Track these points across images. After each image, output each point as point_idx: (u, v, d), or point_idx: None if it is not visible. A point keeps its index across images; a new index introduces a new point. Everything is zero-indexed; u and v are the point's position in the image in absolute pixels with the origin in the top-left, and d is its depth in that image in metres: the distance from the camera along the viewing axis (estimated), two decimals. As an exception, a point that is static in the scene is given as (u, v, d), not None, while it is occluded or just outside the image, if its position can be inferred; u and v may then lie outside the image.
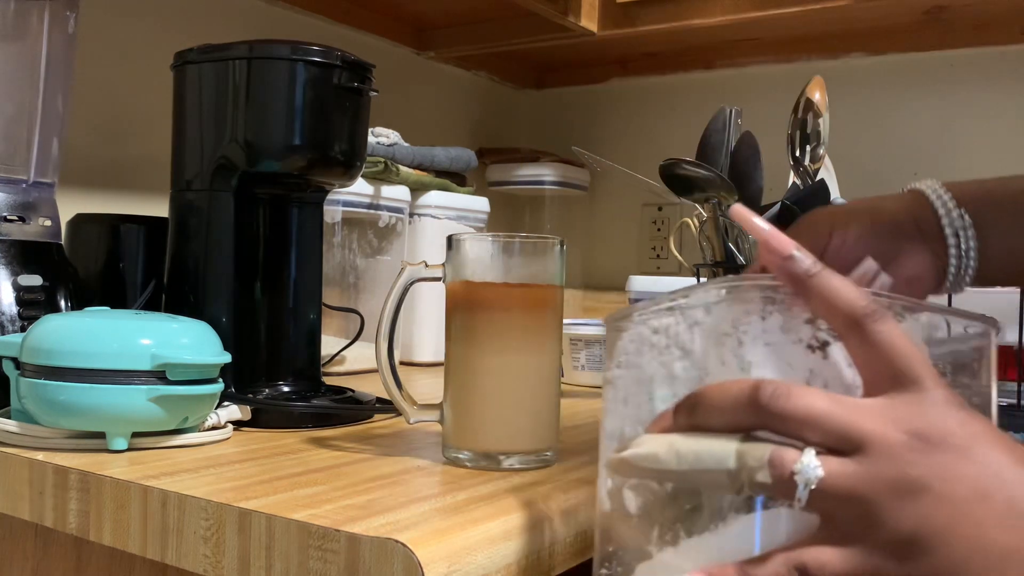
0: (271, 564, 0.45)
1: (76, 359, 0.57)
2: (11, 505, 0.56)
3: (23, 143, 0.74)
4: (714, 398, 0.35)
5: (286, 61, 0.69)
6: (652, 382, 0.39)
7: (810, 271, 0.35)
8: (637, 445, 0.36)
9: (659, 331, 0.39)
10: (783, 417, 0.33)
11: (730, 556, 0.34)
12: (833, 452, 0.33)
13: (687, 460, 0.34)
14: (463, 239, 0.58)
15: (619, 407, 0.40)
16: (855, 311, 0.34)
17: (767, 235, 0.36)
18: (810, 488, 0.32)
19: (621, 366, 0.40)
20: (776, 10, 1.23)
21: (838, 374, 0.36)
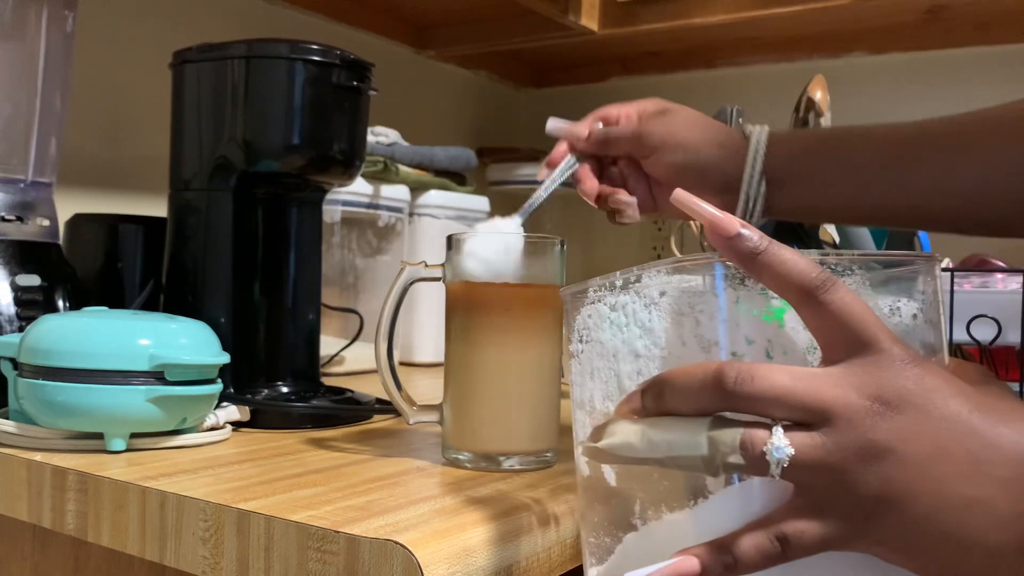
0: (270, 565, 0.44)
1: (74, 359, 0.57)
2: (9, 506, 0.56)
3: (21, 143, 0.74)
4: (679, 383, 0.35)
5: (285, 60, 0.69)
6: (616, 358, 0.39)
7: (757, 247, 0.35)
8: (611, 435, 0.37)
9: (617, 308, 0.39)
10: (749, 399, 0.34)
11: (712, 528, 0.35)
12: (801, 425, 0.34)
13: (660, 448, 0.35)
14: (463, 238, 0.58)
15: (586, 380, 0.41)
16: (805, 283, 0.34)
17: (711, 216, 0.36)
18: (782, 466, 0.33)
19: (583, 340, 0.41)
20: (777, 9, 1.23)
21: (795, 339, 0.37)
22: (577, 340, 0.41)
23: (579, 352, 0.41)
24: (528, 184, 1.52)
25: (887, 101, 1.39)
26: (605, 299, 0.40)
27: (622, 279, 0.39)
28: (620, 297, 0.39)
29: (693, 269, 0.38)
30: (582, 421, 0.41)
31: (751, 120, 0.95)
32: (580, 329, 0.41)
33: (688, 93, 1.57)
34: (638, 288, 0.39)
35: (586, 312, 0.41)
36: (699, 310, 0.37)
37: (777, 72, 1.47)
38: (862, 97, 1.40)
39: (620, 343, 0.39)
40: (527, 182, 1.52)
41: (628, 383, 0.39)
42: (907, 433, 0.33)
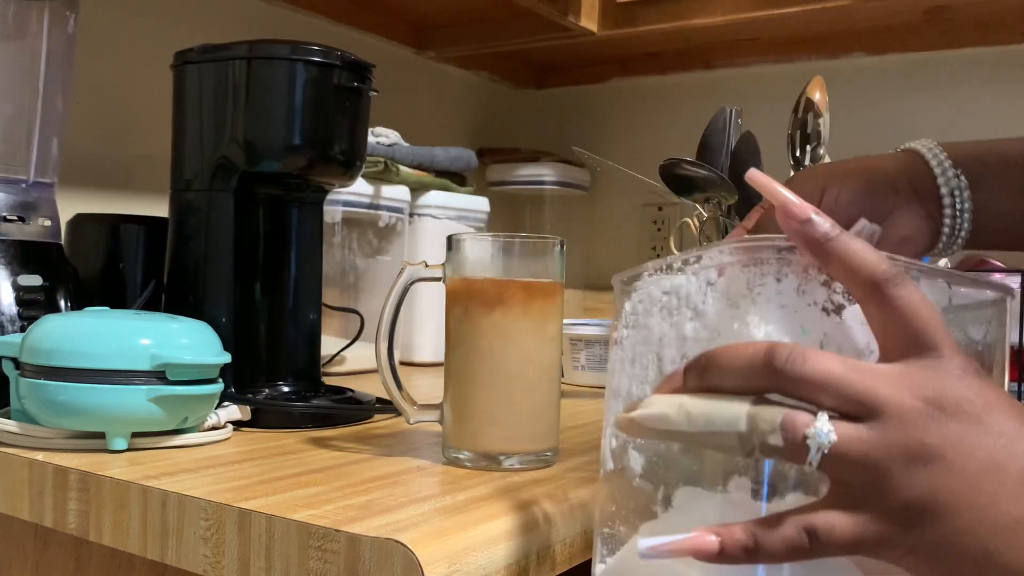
0: (271, 564, 0.45)
1: (76, 359, 0.57)
2: (11, 505, 0.56)
3: (23, 143, 0.74)
4: (726, 359, 0.34)
5: (286, 61, 0.69)
6: (661, 343, 0.38)
7: (828, 234, 0.34)
8: (646, 406, 0.36)
9: (670, 291, 0.38)
10: (798, 381, 0.33)
11: (735, 518, 0.34)
12: (847, 417, 0.32)
13: (697, 422, 0.34)
14: (463, 239, 0.58)
15: (626, 367, 0.40)
16: (875, 275, 0.33)
17: (785, 199, 0.35)
18: (822, 452, 0.32)
19: (629, 326, 0.40)
20: (776, 10, 1.23)
21: (852, 338, 0.36)
22: (623, 326, 0.41)
23: (623, 339, 0.40)
24: (528, 184, 1.52)
25: (886, 102, 1.40)
26: (659, 282, 0.39)
27: (680, 260, 0.38)
28: (675, 279, 0.38)
29: (758, 250, 0.36)
30: (615, 409, 0.40)
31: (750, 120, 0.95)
32: (628, 315, 0.40)
33: (687, 94, 1.57)
34: (696, 268, 0.38)
35: (637, 298, 0.40)
36: (757, 292, 0.36)
37: (776, 73, 1.48)
38: (861, 98, 1.40)
39: (668, 327, 0.38)
40: (527, 182, 1.52)
41: (670, 368, 0.38)
42: (961, 442, 0.32)
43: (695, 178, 0.83)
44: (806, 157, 0.93)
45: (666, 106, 1.59)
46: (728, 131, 0.90)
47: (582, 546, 0.50)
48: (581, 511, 0.50)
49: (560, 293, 0.59)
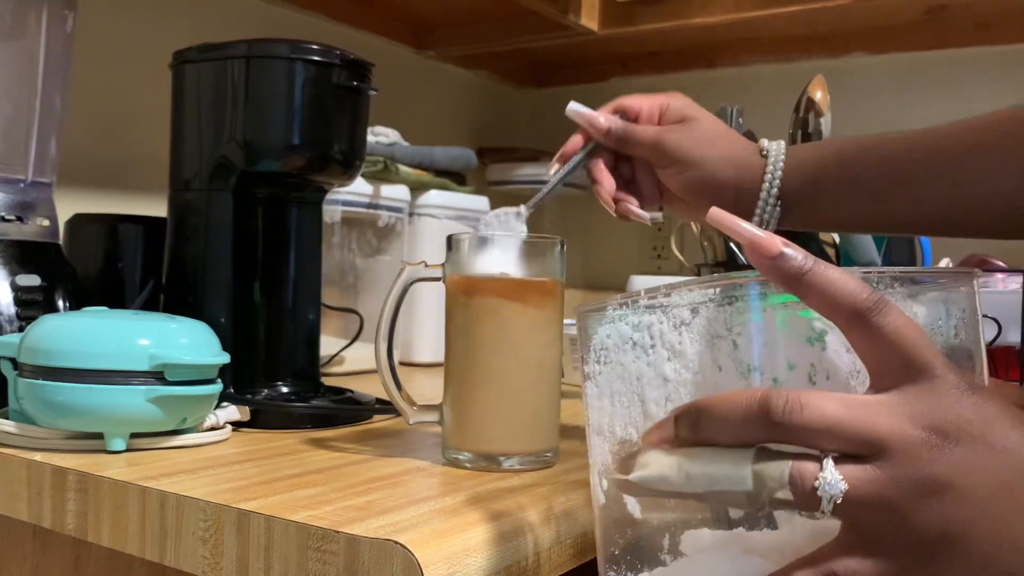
0: (270, 565, 0.44)
1: (74, 359, 0.57)
2: (9, 506, 0.56)
3: (21, 143, 0.74)
4: (719, 412, 0.33)
5: (285, 60, 0.69)
6: (641, 382, 0.37)
7: (803, 267, 0.33)
8: (643, 466, 0.35)
9: (641, 328, 0.37)
10: (798, 430, 0.32)
11: (747, 565, 0.33)
12: (852, 458, 0.32)
13: (699, 483, 0.33)
14: (463, 239, 0.58)
15: (605, 404, 0.39)
16: (857, 305, 0.33)
17: (751, 235, 0.34)
18: (835, 502, 0.31)
19: (601, 361, 0.39)
20: (777, 9, 1.23)
21: (838, 363, 0.35)
22: (594, 361, 0.39)
23: (596, 374, 0.39)
24: (528, 184, 1.52)
25: (887, 101, 1.39)
26: (627, 318, 0.37)
27: (647, 298, 0.37)
28: (645, 316, 0.37)
29: (728, 288, 0.35)
30: (600, 447, 0.39)
31: (750, 120, 0.95)
32: (597, 349, 0.39)
33: (688, 93, 1.56)
34: (666, 307, 0.36)
35: (604, 332, 0.38)
36: (736, 332, 0.35)
37: (777, 72, 1.48)
38: (862, 97, 1.40)
39: (645, 366, 0.37)
40: (527, 182, 1.52)
41: (655, 409, 0.37)
42: (967, 467, 0.31)
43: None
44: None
45: (666, 105, 1.59)
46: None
47: (581, 548, 0.49)
48: (581, 512, 0.50)
49: (560, 293, 0.59)
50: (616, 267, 1.63)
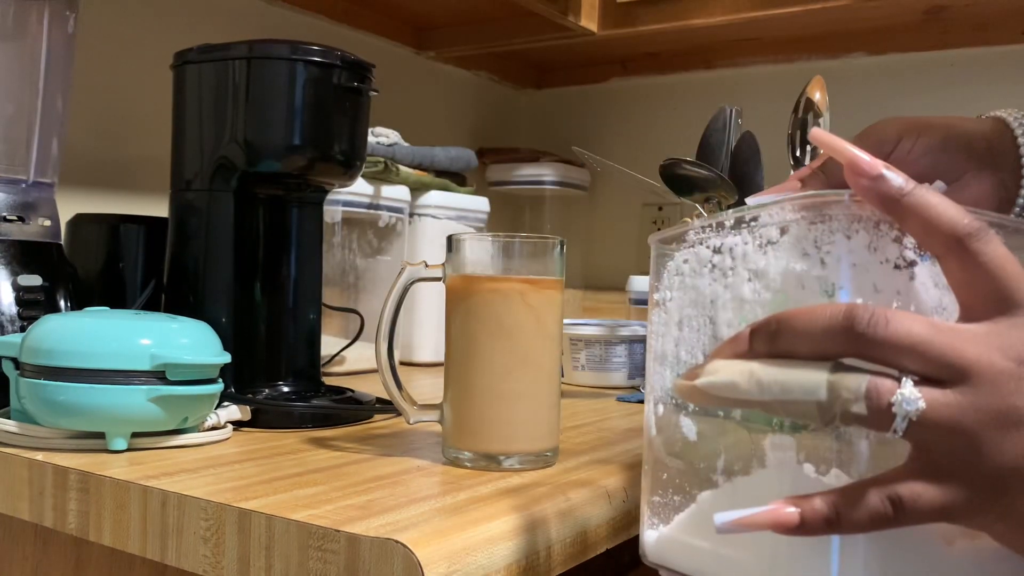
0: (271, 564, 0.45)
1: (76, 359, 0.57)
2: (11, 505, 0.56)
3: (23, 143, 0.74)
4: (800, 323, 0.32)
5: (286, 61, 0.69)
6: (714, 305, 0.37)
7: (903, 189, 0.32)
8: (711, 372, 0.34)
9: (722, 251, 0.36)
10: (880, 344, 0.31)
11: (806, 487, 0.32)
12: (932, 381, 0.31)
13: (771, 390, 0.32)
14: (463, 239, 0.58)
15: (671, 330, 0.38)
16: (956, 230, 0.32)
17: (853, 155, 0.33)
18: (909, 420, 0.30)
19: (673, 288, 0.38)
20: (776, 10, 1.23)
21: (925, 295, 0.34)
22: (665, 288, 0.39)
23: (666, 300, 0.39)
24: (528, 184, 1.52)
25: (886, 102, 1.40)
26: (708, 241, 0.37)
27: (734, 218, 0.36)
28: (729, 238, 0.36)
29: (823, 207, 0.34)
30: (660, 374, 0.38)
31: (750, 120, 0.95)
32: (671, 275, 0.38)
33: (687, 94, 1.57)
34: (754, 227, 0.36)
35: (681, 257, 0.38)
36: (825, 251, 0.34)
37: (776, 73, 1.48)
38: (861, 98, 1.40)
39: (721, 288, 0.36)
40: (527, 182, 1.52)
41: (726, 331, 0.36)
42: None
43: (695, 178, 0.83)
44: (806, 157, 0.93)
45: (666, 106, 1.59)
46: (728, 131, 0.90)
47: (581, 547, 0.50)
48: (581, 511, 0.50)
49: (560, 293, 0.59)
50: (616, 267, 1.63)
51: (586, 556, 0.50)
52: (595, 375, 0.99)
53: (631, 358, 0.98)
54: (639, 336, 0.99)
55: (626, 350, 0.98)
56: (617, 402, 0.88)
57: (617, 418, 0.79)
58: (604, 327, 1.00)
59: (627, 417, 0.80)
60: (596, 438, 0.68)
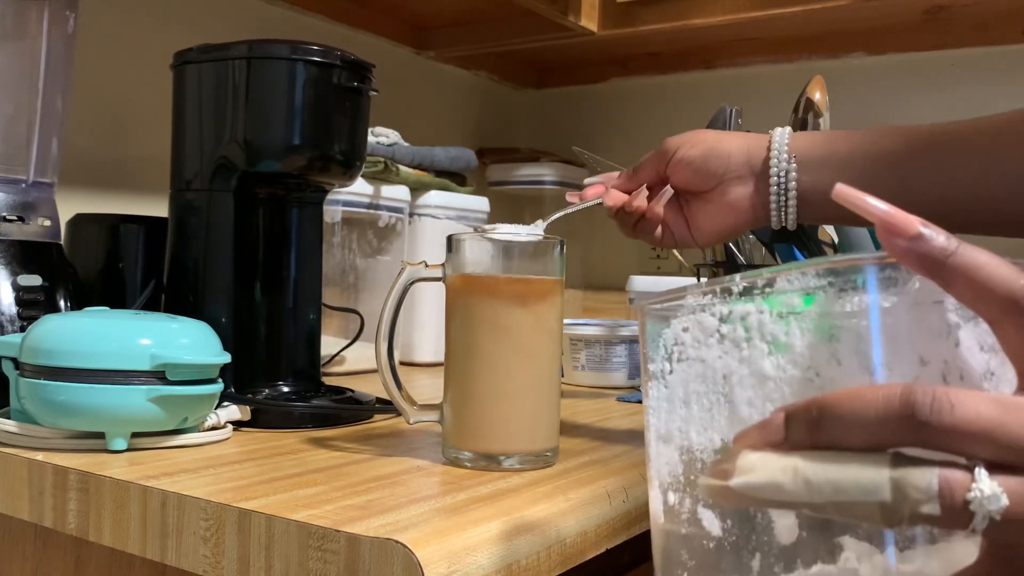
0: (271, 564, 0.45)
1: (75, 359, 0.57)
2: (11, 505, 0.56)
3: (23, 143, 0.74)
4: (849, 411, 0.28)
5: (286, 61, 0.69)
6: (729, 382, 0.33)
7: (947, 249, 0.29)
8: (747, 471, 0.30)
9: (732, 319, 0.33)
10: (948, 433, 0.27)
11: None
12: (1005, 467, 0.27)
13: (822, 491, 0.28)
14: (463, 239, 0.58)
15: (676, 408, 0.34)
16: (1014, 293, 0.28)
17: (885, 214, 0.30)
18: (990, 519, 0.27)
19: (673, 359, 0.34)
20: (776, 10, 1.23)
21: (973, 362, 0.31)
22: (663, 359, 0.35)
23: (664, 373, 0.35)
24: (528, 184, 1.52)
25: (886, 102, 1.40)
26: (713, 308, 0.33)
27: (743, 284, 0.32)
28: (739, 306, 0.32)
29: (850, 271, 0.31)
30: (667, 456, 0.35)
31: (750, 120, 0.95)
32: (668, 345, 0.35)
33: (687, 94, 1.57)
34: (769, 294, 0.32)
35: (680, 324, 0.34)
36: (860, 322, 0.30)
37: (776, 73, 1.48)
38: (861, 98, 1.40)
39: (735, 362, 0.32)
40: (527, 182, 1.52)
41: (748, 411, 0.32)
42: None
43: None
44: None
45: (666, 106, 1.59)
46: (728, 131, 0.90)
47: (581, 547, 0.50)
48: (581, 511, 0.50)
49: (560, 293, 0.59)
50: (616, 267, 1.63)
51: (586, 556, 0.50)
52: (595, 375, 0.99)
53: (631, 358, 0.98)
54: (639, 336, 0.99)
55: (626, 350, 0.98)
56: (617, 402, 0.88)
57: (617, 418, 0.79)
58: (604, 327, 1.00)
59: (627, 417, 0.80)
60: (596, 438, 0.68)
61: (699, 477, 0.33)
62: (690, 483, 0.34)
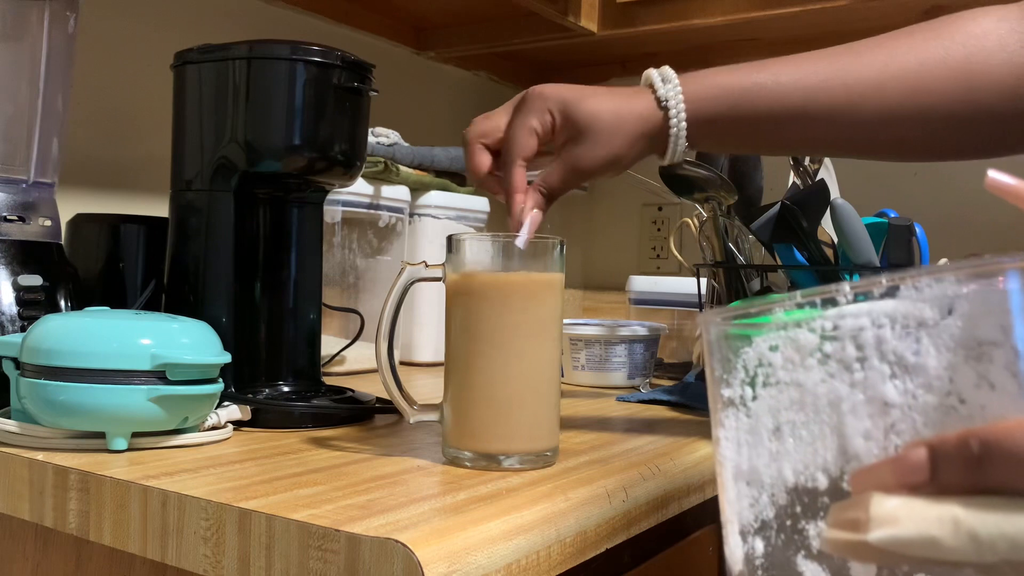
0: (271, 564, 0.45)
1: (76, 359, 0.57)
2: (11, 505, 0.56)
3: (23, 143, 0.74)
4: (1020, 446, 0.24)
5: (286, 61, 0.69)
6: (838, 410, 0.28)
7: None
8: (888, 522, 0.25)
9: (839, 336, 0.28)
10: None
11: None
12: None
13: (996, 548, 0.23)
14: (463, 239, 0.58)
15: (763, 440, 0.30)
16: None
17: None
18: None
19: (758, 383, 0.30)
20: (776, 10, 1.23)
21: None
22: (742, 383, 0.30)
23: (746, 399, 0.30)
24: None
25: (886, 102, 1.39)
26: (812, 323, 0.28)
27: (854, 292, 0.28)
28: (848, 320, 0.28)
29: (1008, 274, 0.26)
30: (753, 497, 0.30)
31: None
32: (751, 367, 0.30)
33: (688, 94, 1.57)
34: (892, 305, 0.27)
35: (766, 342, 0.30)
36: (1018, 337, 0.26)
37: (776, 73, 1.47)
38: (861, 98, 1.40)
39: (846, 387, 0.28)
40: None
41: (866, 446, 0.28)
42: None
43: (695, 178, 0.83)
44: (805, 157, 0.93)
45: (666, 106, 1.59)
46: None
47: (581, 547, 0.50)
48: (581, 511, 0.50)
49: (560, 293, 0.59)
50: (616, 267, 1.63)
51: (586, 556, 0.50)
52: (595, 375, 0.99)
53: (631, 358, 0.98)
54: (639, 336, 0.99)
55: (626, 350, 0.98)
56: (617, 402, 0.88)
57: (617, 418, 0.79)
58: (604, 327, 1.00)
59: (627, 417, 0.80)
60: (596, 438, 0.68)
61: (823, 533, 0.27)
62: (785, 529, 0.29)
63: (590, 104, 0.61)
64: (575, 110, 0.61)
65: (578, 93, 0.61)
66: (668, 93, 0.62)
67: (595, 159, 0.61)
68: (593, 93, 0.62)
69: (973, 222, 1.33)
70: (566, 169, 0.62)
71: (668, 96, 0.62)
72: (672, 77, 0.62)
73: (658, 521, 0.58)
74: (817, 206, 0.84)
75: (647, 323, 1.03)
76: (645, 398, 0.89)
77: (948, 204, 1.35)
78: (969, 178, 1.34)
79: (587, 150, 0.61)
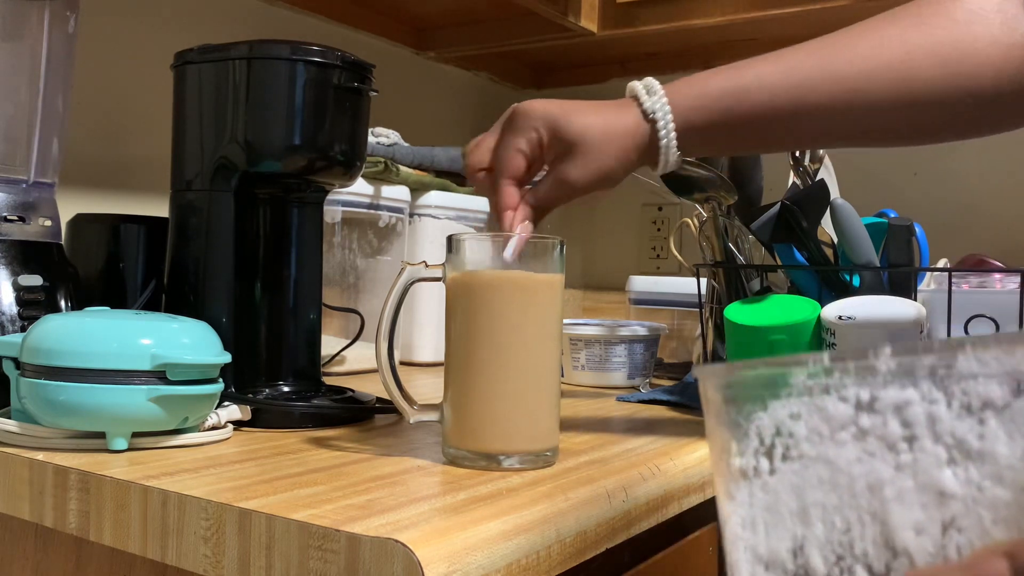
0: (271, 564, 0.45)
1: (76, 359, 0.57)
2: (11, 505, 0.56)
3: (23, 143, 0.74)
4: None
5: (286, 61, 0.69)
6: (879, 495, 0.24)
7: None
8: None
9: (879, 409, 0.24)
10: None
11: None
12: None
13: None
14: (463, 239, 0.58)
15: (786, 522, 0.26)
16: None
17: None
18: None
19: (775, 455, 0.26)
20: (776, 10, 1.23)
21: None
22: (756, 453, 0.27)
23: (761, 471, 0.26)
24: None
25: (886, 102, 1.39)
26: (844, 391, 0.24)
27: (897, 361, 0.23)
28: (893, 392, 0.24)
29: None
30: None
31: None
32: (767, 436, 0.26)
33: (688, 94, 1.57)
34: (946, 379, 0.23)
35: (785, 409, 0.26)
36: None
37: (776, 73, 1.47)
38: (861, 98, 1.40)
39: (890, 469, 0.24)
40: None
41: (916, 541, 0.24)
42: None
43: (695, 178, 0.83)
44: (805, 157, 0.93)
45: (666, 106, 1.59)
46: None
47: (581, 547, 0.50)
48: (581, 511, 0.50)
49: (560, 292, 0.59)
50: (616, 267, 1.64)
51: (586, 556, 0.50)
52: (595, 375, 0.99)
53: (631, 358, 0.98)
54: (639, 336, 0.99)
55: (626, 350, 0.98)
56: (617, 402, 0.88)
57: (617, 418, 0.79)
58: (604, 327, 1.00)
59: (627, 417, 0.80)
60: (596, 438, 0.68)
61: None
62: None
63: (578, 120, 0.60)
64: (563, 126, 0.60)
65: (565, 109, 0.61)
66: (655, 105, 0.61)
67: (585, 175, 0.61)
68: (580, 108, 0.61)
69: (973, 222, 1.33)
70: (556, 185, 0.62)
71: (655, 108, 0.61)
72: (657, 88, 0.62)
73: (658, 521, 0.58)
74: (817, 206, 0.84)
75: (647, 323, 1.03)
76: (645, 398, 0.89)
77: (948, 204, 1.35)
78: (969, 178, 1.34)
79: (577, 166, 0.61)
